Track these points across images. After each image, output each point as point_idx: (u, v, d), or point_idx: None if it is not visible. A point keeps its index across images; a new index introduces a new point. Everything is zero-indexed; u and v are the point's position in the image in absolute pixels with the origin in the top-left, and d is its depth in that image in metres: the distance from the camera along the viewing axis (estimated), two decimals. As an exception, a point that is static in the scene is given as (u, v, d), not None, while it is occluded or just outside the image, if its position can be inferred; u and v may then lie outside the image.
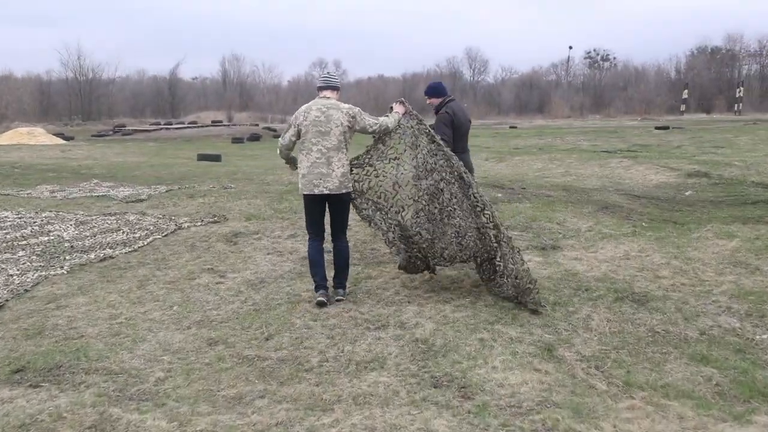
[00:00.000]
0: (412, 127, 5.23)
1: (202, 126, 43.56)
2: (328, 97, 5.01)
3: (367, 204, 5.31)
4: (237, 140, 31.41)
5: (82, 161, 18.59)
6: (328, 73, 5.21)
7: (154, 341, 4.29)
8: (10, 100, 51.43)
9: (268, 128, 41.34)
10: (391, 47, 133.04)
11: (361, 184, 5.27)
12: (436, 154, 5.15)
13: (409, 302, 5.04)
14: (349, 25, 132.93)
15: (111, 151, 23.08)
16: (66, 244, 7.02)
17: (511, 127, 40.07)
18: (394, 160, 5.25)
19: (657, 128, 29.25)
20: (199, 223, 8.12)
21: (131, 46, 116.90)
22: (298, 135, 5.00)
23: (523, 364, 3.87)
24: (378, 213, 5.30)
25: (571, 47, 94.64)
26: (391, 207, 5.26)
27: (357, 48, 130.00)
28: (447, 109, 6.10)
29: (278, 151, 5.25)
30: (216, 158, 19.46)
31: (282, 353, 4.09)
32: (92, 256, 6.60)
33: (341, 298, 5.05)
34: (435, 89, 6.34)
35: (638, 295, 5.09)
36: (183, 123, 47.79)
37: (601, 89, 72.04)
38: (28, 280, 5.74)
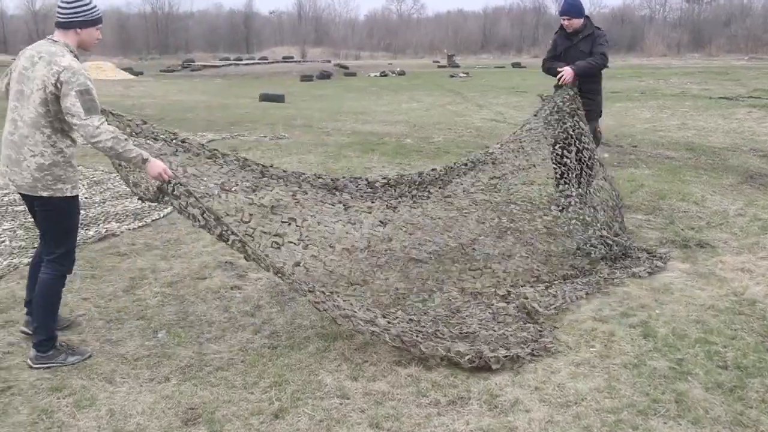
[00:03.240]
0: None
1: (272, 62, 42.17)
2: (55, 41, 3.08)
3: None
4: (306, 78, 29.71)
5: (138, 99, 17.46)
6: None
7: (104, 410, 2.76)
8: (90, 33, 51.39)
9: (340, 65, 39.58)
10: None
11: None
12: None
13: (500, 346, 3.31)
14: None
15: (174, 88, 21.96)
16: (63, 215, 5.64)
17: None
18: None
19: (778, 70, 25.52)
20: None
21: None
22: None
23: None
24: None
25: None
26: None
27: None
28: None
29: None
30: (279, 99, 18.03)
31: (294, 453, 2.49)
32: (91, 233, 5.20)
33: (30, 364, 3.13)
34: (579, 8, 5.29)
35: None
36: (253, 58, 46.58)
37: (700, 25, 65.56)
38: (-9, 271, 4.38)
